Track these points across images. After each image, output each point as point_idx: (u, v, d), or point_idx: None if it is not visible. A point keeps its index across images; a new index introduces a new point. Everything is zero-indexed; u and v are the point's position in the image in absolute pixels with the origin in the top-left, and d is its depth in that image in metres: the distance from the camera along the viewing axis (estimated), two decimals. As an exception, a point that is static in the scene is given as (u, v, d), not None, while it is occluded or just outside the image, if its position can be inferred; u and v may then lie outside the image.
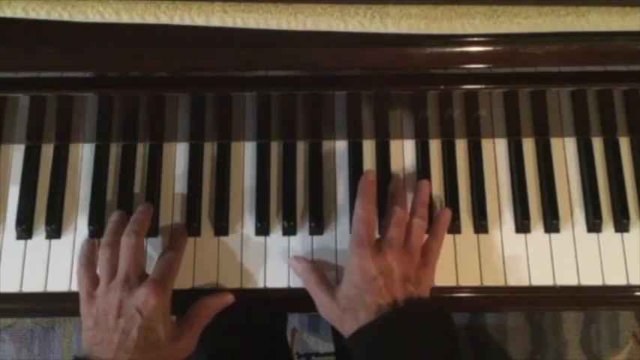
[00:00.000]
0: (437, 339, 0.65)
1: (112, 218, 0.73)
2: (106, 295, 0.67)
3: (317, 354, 1.40)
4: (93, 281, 0.69)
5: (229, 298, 0.72)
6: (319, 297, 0.69)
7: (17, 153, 0.77)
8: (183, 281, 0.73)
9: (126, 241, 0.68)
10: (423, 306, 0.67)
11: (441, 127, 0.77)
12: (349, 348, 0.66)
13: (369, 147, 0.78)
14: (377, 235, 0.72)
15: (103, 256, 0.69)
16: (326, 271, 0.73)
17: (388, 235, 0.69)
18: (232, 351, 0.87)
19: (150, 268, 0.72)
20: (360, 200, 0.71)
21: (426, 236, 0.73)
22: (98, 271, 0.70)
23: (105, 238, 0.70)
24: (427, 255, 0.71)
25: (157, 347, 0.65)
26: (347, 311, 0.66)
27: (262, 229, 0.75)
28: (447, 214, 0.74)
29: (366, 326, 0.64)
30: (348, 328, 0.66)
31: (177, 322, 0.69)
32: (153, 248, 0.75)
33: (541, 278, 0.74)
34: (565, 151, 0.78)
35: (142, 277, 0.68)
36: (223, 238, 0.75)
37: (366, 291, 0.66)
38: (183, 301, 0.70)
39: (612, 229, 0.76)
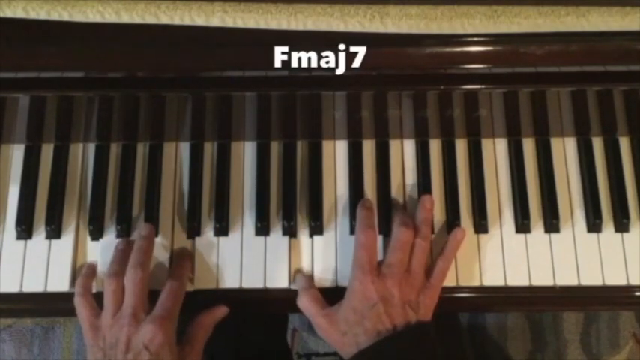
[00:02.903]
0: None
1: (119, 247, 0.72)
2: (113, 327, 0.66)
3: (317, 354, 1.40)
4: (93, 310, 0.69)
5: (223, 311, 0.72)
6: (316, 318, 0.69)
7: (17, 153, 0.77)
8: (183, 281, 0.73)
9: (132, 275, 0.68)
10: (423, 331, 0.67)
11: (441, 127, 0.76)
12: None
13: (369, 147, 0.78)
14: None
15: (108, 287, 0.68)
16: (326, 272, 0.73)
17: (391, 259, 0.69)
18: (232, 351, 0.87)
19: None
20: (360, 225, 0.71)
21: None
22: (104, 299, 0.69)
23: (111, 268, 0.70)
24: (432, 276, 0.70)
25: None
26: (347, 335, 0.67)
27: (262, 229, 0.75)
28: (459, 236, 0.73)
29: (366, 350, 0.65)
30: (347, 351, 0.67)
31: (179, 345, 0.69)
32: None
33: (541, 278, 0.74)
34: (565, 151, 0.78)
35: (148, 309, 0.68)
36: (223, 238, 0.75)
37: (366, 316, 0.66)
38: (184, 302, 0.70)
39: (612, 229, 0.76)
